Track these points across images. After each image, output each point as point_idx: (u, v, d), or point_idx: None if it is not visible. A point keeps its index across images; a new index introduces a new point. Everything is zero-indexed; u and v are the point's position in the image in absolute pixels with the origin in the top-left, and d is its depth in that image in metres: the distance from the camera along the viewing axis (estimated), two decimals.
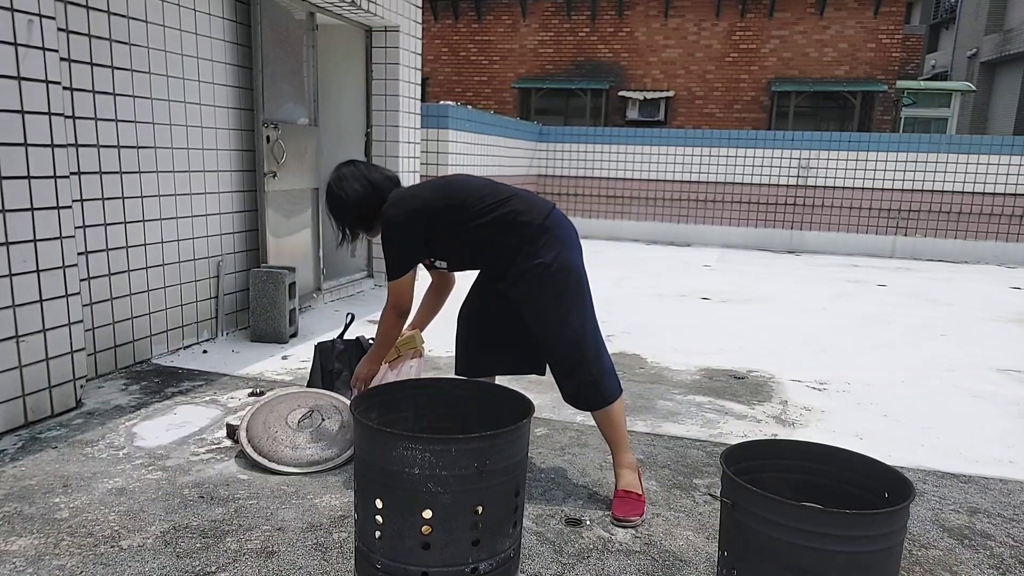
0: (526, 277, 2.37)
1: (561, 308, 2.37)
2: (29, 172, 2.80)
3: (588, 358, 2.39)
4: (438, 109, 7.63)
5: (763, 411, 3.47)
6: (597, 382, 2.41)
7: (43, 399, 2.94)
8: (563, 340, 2.38)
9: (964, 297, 6.91)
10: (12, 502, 2.28)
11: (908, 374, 4.18)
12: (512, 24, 15.32)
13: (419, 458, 1.64)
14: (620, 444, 2.47)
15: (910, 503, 1.60)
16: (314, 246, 5.22)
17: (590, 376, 2.39)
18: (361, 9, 5.11)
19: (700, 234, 10.74)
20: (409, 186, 2.56)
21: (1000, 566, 2.18)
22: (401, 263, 2.43)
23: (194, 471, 2.56)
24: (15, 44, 2.70)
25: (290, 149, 4.65)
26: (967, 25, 21.79)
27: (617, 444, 2.47)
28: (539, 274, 2.35)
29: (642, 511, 2.36)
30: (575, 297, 2.39)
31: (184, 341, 4.04)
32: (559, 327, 2.37)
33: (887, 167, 9.92)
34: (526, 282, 2.37)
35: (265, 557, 2.03)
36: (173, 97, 3.79)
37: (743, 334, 5.00)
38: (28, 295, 2.84)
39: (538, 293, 2.37)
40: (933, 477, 2.80)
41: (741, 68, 14.28)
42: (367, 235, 2.61)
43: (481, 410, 2.04)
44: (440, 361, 4.07)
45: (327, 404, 2.83)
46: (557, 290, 2.37)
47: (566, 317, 2.37)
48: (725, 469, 1.74)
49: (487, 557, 1.73)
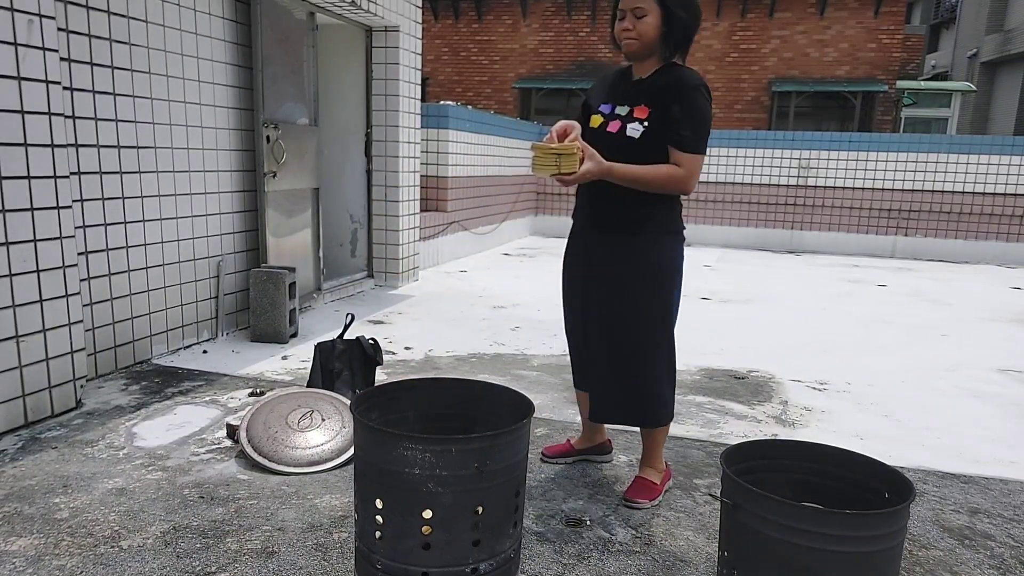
0: (665, 240, 2.25)
1: (670, 292, 2.29)
2: (29, 172, 2.80)
3: (665, 359, 2.34)
4: (438, 109, 7.63)
5: (763, 411, 3.47)
6: (663, 392, 2.36)
7: (43, 399, 2.94)
8: (651, 328, 2.27)
9: (964, 297, 6.91)
10: (12, 502, 2.28)
11: (908, 374, 4.18)
12: (512, 24, 15.32)
13: (419, 458, 1.64)
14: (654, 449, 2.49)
15: (910, 503, 1.60)
16: (314, 246, 5.22)
17: (658, 384, 2.34)
18: (361, 9, 5.11)
19: (700, 234, 10.73)
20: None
21: (1001, 566, 2.18)
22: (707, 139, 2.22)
23: (194, 471, 2.56)
24: (15, 44, 2.70)
25: (290, 149, 4.65)
26: (967, 25, 21.78)
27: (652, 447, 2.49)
28: (675, 244, 2.26)
29: (653, 497, 2.38)
30: (679, 289, 2.32)
31: (184, 341, 4.04)
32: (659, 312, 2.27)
33: (887, 167, 9.91)
34: (661, 246, 2.24)
35: (265, 557, 2.03)
36: (173, 97, 3.79)
37: (743, 334, 5.00)
38: (28, 295, 2.84)
39: (659, 264, 2.25)
40: (933, 477, 2.79)
41: (741, 68, 14.28)
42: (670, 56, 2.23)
43: (481, 410, 2.04)
44: (440, 361, 4.07)
45: (327, 404, 2.83)
46: (678, 268, 2.29)
47: (670, 304, 2.29)
48: (725, 469, 1.74)
49: (487, 557, 1.73)
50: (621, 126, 2.23)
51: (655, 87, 2.22)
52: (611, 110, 2.29)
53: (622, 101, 2.27)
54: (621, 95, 2.29)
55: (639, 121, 2.20)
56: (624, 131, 2.21)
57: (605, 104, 2.32)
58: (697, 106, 2.16)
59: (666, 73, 2.23)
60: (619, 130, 2.23)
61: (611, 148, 2.18)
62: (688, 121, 2.15)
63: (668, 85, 2.19)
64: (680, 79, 2.19)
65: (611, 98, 2.32)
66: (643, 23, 2.15)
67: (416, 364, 3.99)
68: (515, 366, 4.02)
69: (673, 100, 2.17)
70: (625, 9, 2.18)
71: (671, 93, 2.17)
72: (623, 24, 2.18)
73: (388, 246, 6.10)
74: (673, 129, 2.17)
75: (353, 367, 3.18)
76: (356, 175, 5.96)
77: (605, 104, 2.32)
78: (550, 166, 2.07)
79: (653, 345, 2.31)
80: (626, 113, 2.24)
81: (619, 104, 2.28)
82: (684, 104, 2.15)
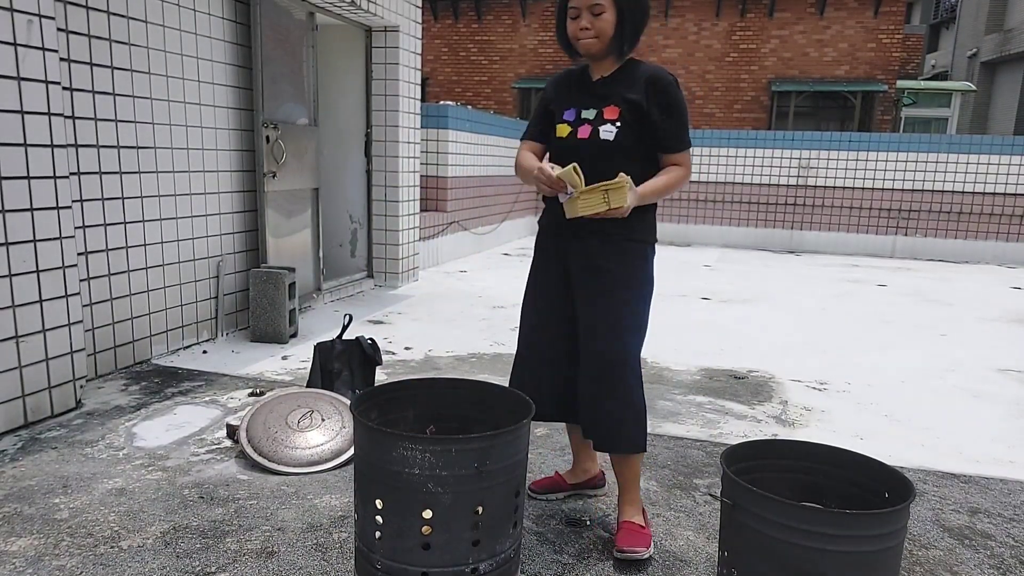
0: (633, 249, 2.16)
1: (641, 301, 2.18)
2: (29, 172, 2.80)
3: (636, 373, 2.18)
4: (438, 109, 7.64)
5: (763, 411, 3.47)
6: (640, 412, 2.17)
7: (43, 399, 2.94)
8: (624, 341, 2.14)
9: (964, 297, 6.91)
10: (12, 502, 2.28)
11: (908, 374, 4.18)
12: (512, 24, 15.32)
13: (419, 458, 1.64)
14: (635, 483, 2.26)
15: (910, 503, 1.60)
16: (314, 246, 5.22)
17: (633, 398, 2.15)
18: (361, 9, 5.11)
19: (700, 234, 10.74)
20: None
21: (1000, 566, 2.18)
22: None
23: (194, 471, 2.56)
24: (15, 44, 2.70)
25: (290, 149, 4.65)
26: (967, 25, 21.78)
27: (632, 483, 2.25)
28: (645, 252, 2.18)
29: (648, 543, 2.14)
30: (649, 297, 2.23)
31: (184, 341, 4.04)
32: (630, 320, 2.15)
33: (887, 167, 9.92)
34: (630, 255, 2.15)
35: (265, 557, 2.03)
36: (173, 97, 3.79)
37: (743, 334, 5.00)
38: (28, 295, 2.84)
39: (631, 272, 2.16)
40: (933, 477, 2.79)
41: (741, 68, 14.28)
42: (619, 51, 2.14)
43: (481, 410, 2.04)
44: (440, 361, 4.07)
45: (327, 404, 2.83)
46: (648, 277, 2.20)
47: (641, 314, 2.18)
48: (725, 469, 1.74)
49: (487, 557, 1.73)
50: (592, 130, 2.13)
51: (623, 85, 2.13)
52: (576, 115, 2.18)
53: (588, 104, 2.17)
54: (585, 98, 2.19)
55: (611, 123, 2.12)
56: (597, 135, 2.12)
57: (568, 110, 2.21)
58: (678, 102, 2.11)
59: (632, 70, 2.15)
60: (591, 134, 2.13)
61: (584, 154, 2.10)
62: (675, 122, 2.12)
63: (642, 84, 2.11)
64: (654, 77, 2.12)
65: (574, 102, 2.21)
66: (601, 20, 2.07)
67: (416, 364, 3.99)
68: None
69: (652, 101, 2.09)
70: (580, 7, 2.08)
71: (649, 93, 2.10)
72: (580, 23, 2.08)
73: (388, 246, 6.10)
74: (664, 135, 2.12)
75: (353, 367, 3.19)
76: (356, 175, 5.96)
77: (568, 110, 2.21)
78: (599, 204, 1.96)
79: (636, 357, 2.21)
80: (594, 116, 2.14)
81: (584, 108, 2.18)
82: (666, 105, 2.10)
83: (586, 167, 2.01)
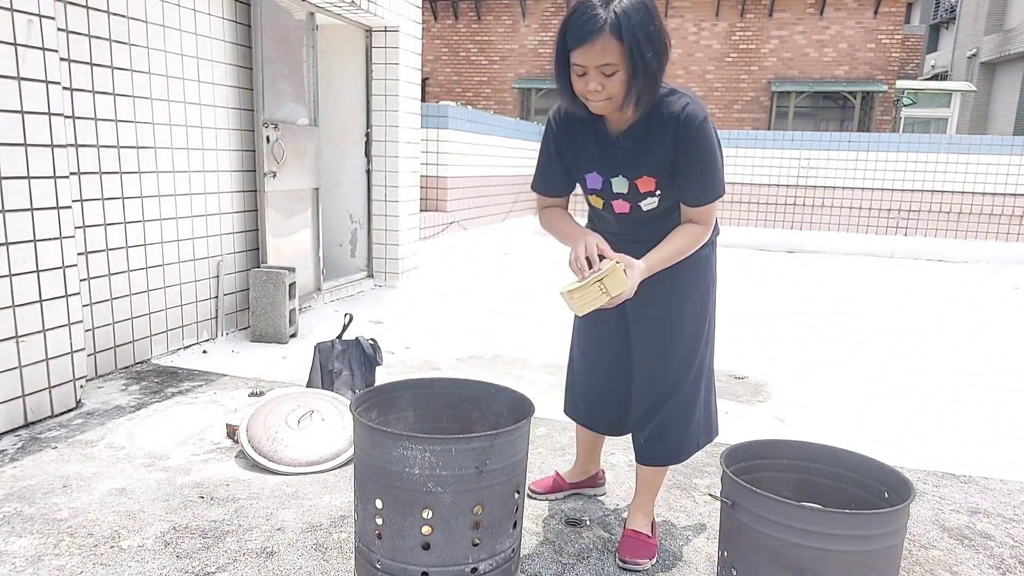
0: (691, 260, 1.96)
1: (706, 312, 2.05)
2: (29, 172, 2.80)
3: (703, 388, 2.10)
4: (438, 109, 7.64)
5: (763, 411, 3.47)
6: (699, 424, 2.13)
7: (43, 399, 2.94)
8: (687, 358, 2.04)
9: (964, 297, 6.91)
10: (12, 502, 2.28)
11: (909, 374, 4.18)
12: (512, 24, 15.32)
13: (419, 458, 1.64)
14: (655, 492, 2.24)
15: (910, 503, 1.60)
16: (314, 246, 5.22)
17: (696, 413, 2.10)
18: (361, 9, 5.11)
19: None
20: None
21: (1000, 566, 2.18)
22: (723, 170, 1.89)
23: (194, 471, 2.56)
24: (15, 44, 2.70)
25: (290, 149, 4.65)
26: (967, 25, 21.79)
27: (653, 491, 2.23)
28: (707, 261, 2.03)
29: (653, 554, 2.10)
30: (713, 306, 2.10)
31: (184, 341, 4.04)
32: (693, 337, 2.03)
33: (887, 167, 9.92)
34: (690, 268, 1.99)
35: (265, 557, 2.03)
36: (173, 97, 3.79)
37: (743, 334, 5.00)
38: (28, 295, 2.84)
39: (693, 285, 2.02)
40: (933, 477, 2.79)
41: (741, 68, 14.29)
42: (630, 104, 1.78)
43: (481, 410, 2.04)
44: (440, 361, 4.07)
45: (327, 404, 2.83)
46: (708, 284, 2.05)
47: (703, 327, 2.05)
48: (725, 469, 1.74)
49: (487, 557, 1.73)
50: (632, 207, 1.94)
51: (650, 143, 1.86)
52: (603, 185, 1.95)
53: (613, 170, 1.92)
54: (609, 163, 1.92)
55: (649, 195, 1.91)
56: (639, 210, 1.94)
57: (590, 174, 1.96)
58: (702, 149, 1.83)
59: (656, 117, 1.84)
60: (632, 210, 1.95)
61: (622, 224, 1.98)
62: (698, 170, 1.86)
63: (670, 134, 1.82)
64: (678, 122, 1.81)
65: (594, 165, 1.95)
66: (613, 81, 1.72)
67: (416, 364, 3.99)
68: (515, 366, 4.02)
69: (680, 153, 1.84)
70: (587, 66, 1.71)
71: (677, 144, 1.83)
72: (590, 86, 1.73)
73: (388, 246, 6.10)
74: (684, 185, 1.89)
75: (353, 367, 3.19)
76: (356, 175, 5.96)
77: (590, 174, 1.96)
78: (598, 297, 1.75)
79: (701, 368, 2.11)
80: (628, 189, 1.92)
81: (611, 175, 1.93)
82: (686, 152, 1.83)
83: (630, 228, 1.99)
